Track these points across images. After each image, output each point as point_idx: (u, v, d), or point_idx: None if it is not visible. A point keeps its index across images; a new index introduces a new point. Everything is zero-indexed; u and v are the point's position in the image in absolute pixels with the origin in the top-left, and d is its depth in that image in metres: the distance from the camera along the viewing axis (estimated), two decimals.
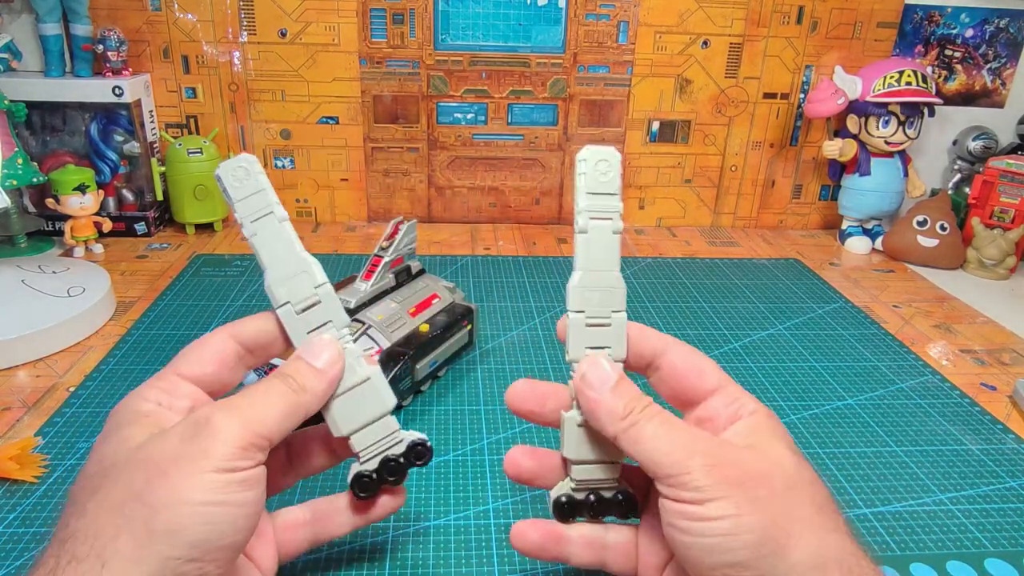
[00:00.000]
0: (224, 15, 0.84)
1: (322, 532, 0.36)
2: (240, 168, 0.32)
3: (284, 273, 0.33)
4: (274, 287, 0.32)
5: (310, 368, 0.32)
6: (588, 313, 0.33)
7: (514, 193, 0.95)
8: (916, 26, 0.92)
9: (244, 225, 0.32)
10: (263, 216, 0.33)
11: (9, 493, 0.43)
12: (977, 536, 0.43)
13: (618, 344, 0.33)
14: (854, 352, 0.65)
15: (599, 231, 0.33)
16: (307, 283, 0.33)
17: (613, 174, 0.33)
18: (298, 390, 0.31)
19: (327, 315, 0.33)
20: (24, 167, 0.71)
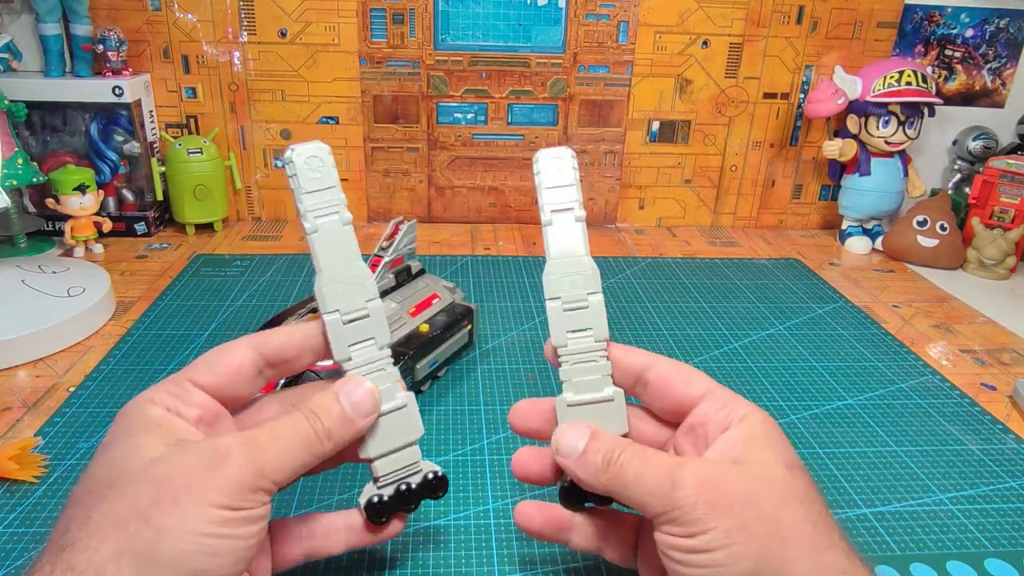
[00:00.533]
0: (224, 15, 0.84)
1: (319, 548, 0.35)
2: (315, 157, 0.31)
3: (339, 279, 0.32)
4: (326, 291, 0.31)
5: (341, 415, 0.31)
6: (564, 298, 0.34)
7: (514, 193, 0.95)
8: (916, 26, 0.92)
9: (306, 219, 0.31)
10: (329, 214, 0.31)
11: (9, 493, 0.43)
12: (977, 536, 0.43)
13: (598, 325, 0.34)
14: (854, 352, 0.65)
15: (563, 221, 0.34)
16: (360, 294, 0.32)
17: (567, 168, 0.35)
18: (323, 437, 0.31)
19: (372, 331, 0.32)
20: (24, 167, 0.71)
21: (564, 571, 0.40)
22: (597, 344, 0.34)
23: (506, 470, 0.47)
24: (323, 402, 0.31)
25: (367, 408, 0.32)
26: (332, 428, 0.31)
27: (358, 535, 0.36)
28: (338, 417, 0.31)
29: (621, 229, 0.97)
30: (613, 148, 0.94)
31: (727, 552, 0.27)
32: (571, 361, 0.34)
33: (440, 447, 0.49)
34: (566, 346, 0.34)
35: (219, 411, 0.32)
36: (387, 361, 0.33)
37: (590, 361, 0.34)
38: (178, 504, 0.26)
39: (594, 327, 0.34)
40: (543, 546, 0.41)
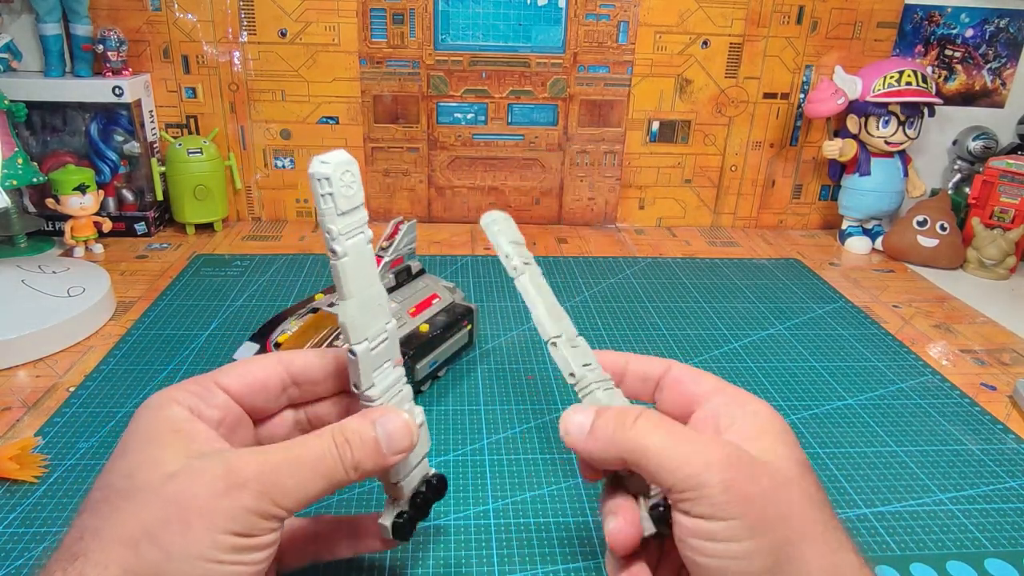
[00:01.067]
0: (224, 15, 0.84)
1: (325, 553, 0.36)
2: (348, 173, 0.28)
3: (366, 304, 0.29)
4: (357, 322, 0.29)
5: (376, 449, 0.30)
6: (565, 336, 0.35)
7: (514, 193, 0.95)
8: (916, 26, 0.92)
9: (336, 241, 0.28)
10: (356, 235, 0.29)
11: (9, 493, 0.43)
12: (977, 536, 0.43)
13: (593, 359, 0.35)
14: (854, 352, 0.65)
15: (532, 272, 0.36)
16: (381, 318, 0.30)
17: (515, 229, 0.37)
18: (349, 468, 0.29)
19: (388, 353, 0.31)
20: (24, 167, 0.71)
21: (564, 571, 0.40)
22: (604, 374, 0.35)
23: (506, 470, 0.47)
24: (358, 430, 0.30)
25: (402, 445, 0.31)
26: (361, 460, 0.30)
27: (365, 543, 0.36)
28: (371, 449, 0.30)
29: (621, 229, 0.97)
30: (613, 148, 0.94)
31: (747, 545, 0.27)
32: (602, 388, 0.34)
33: (440, 447, 0.49)
34: (586, 376, 0.34)
35: (241, 416, 0.32)
36: (403, 380, 0.32)
37: (611, 388, 0.35)
38: (188, 528, 0.26)
39: (593, 363, 0.35)
40: (543, 546, 0.41)
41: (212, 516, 0.26)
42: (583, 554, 0.41)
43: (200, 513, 0.26)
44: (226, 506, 0.27)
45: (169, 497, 0.26)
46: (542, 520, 0.43)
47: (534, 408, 0.54)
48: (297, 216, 0.94)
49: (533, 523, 0.43)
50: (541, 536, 0.42)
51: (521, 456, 0.49)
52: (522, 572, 0.39)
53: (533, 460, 0.48)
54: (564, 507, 0.44)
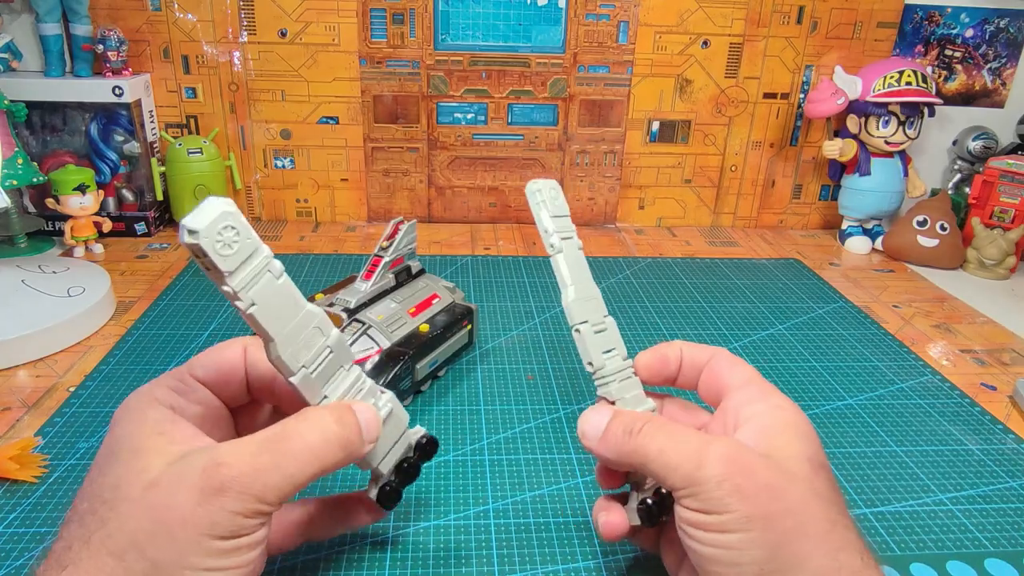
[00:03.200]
0: (224, 15, 0.84)
1: (314, 534, 0.36)
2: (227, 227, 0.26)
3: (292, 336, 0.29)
4: (283, 356, 0.29)
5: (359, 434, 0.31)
6: (591, 321, 0.35)
7: (514, 193, 0.95)
8: (916, 26, 0.92)
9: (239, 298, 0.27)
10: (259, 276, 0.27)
11: (9, 493, 0.43)
12: (977, 536, 0.43)
13: (619, 344, 0.35)
14: (854, 352, 0.65)
15: (570, 248, 0.36)
16: (317, 337, 0.30)
17: (562, 199, 0.36)
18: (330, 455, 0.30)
19: (339, 361, 0.31)
20: (24, 167, 0.71)
21: (564, 571, 0.40)
22: (625, 362, 0.35)
23: (506, 470, 0.47)
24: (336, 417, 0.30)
25: (372, 435, 0.32)
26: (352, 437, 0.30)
27: (356, 518, 0.36)
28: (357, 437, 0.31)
29: (621, 229, 0.97)
30: (613, 148, 0.94)
31: (743, 537, 0.28)
32: (617, 380, 0.35)
33: (440, 447, 0.49)
34: (604, 367, 0.35)
35: (220, 408, 0.32)
36: (361, 379, 0.33)
37: (627, 378, 0.35)
38: (173, 538, 0.26)
39: (616, 347, 0.35)
40: (543, 546, 0.41)
41: (195, 524, 0.26)
42: (583, 554, 0.41)
43: (182, 522, 0.26)
44: (208, 512, 0.26)
45: (151, 506, 0.26)
46: (542, 520, 0.43)
47: (534, 408, 0.54)
48: (297, 216, 0.94)
49: (533, 523, 0.43)
50: (541, 536, 0.42)
51: (521, 456, 0.49)
52: (522, 572, 0.39)
53: (533, 460, 0.48)
54: (564, 507, 0.44)
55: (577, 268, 0.36)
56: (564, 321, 0.67)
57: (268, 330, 0.28)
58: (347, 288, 0.55)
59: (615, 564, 0.40)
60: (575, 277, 0.35)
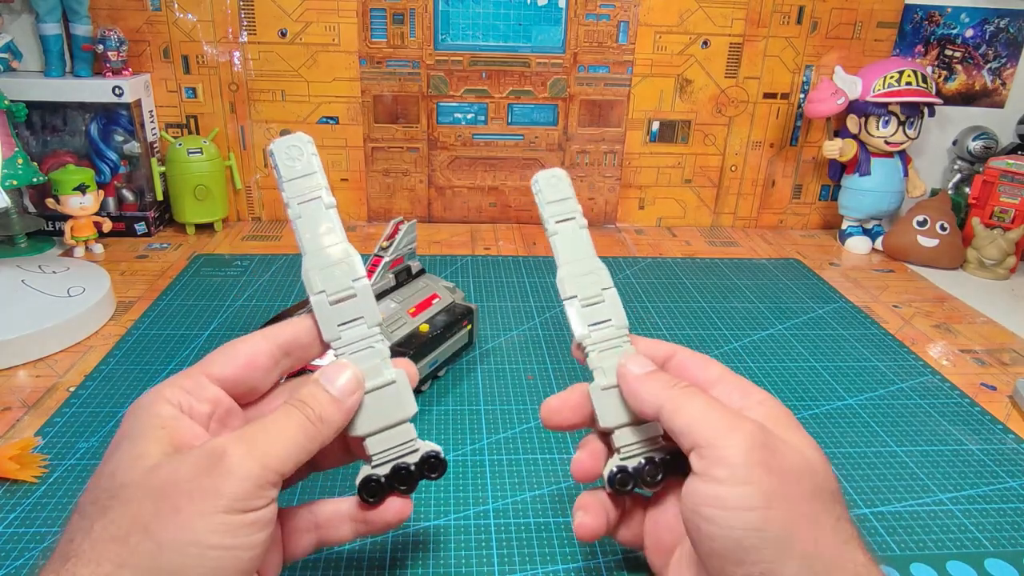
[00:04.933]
0: (224, 15, 0.84)
1: (326, 538, 0.35)
2: (294, 147, 0.32)
3: (324, 261, 0.32)
4: (311, 273, 0.32)
5: (328, 397, 0.31)
6: (581, 296, 0.36)
7: (514, 193, 0.95)
8: (916, 26, 0.92)
9: (290, 206, 0.32)
10: (311, 199, 0.32)
11: (9, 493, 0.43)
12: (977, 536, 0.43)
13: (617, 315, 0.36)
14: (854, 352, 0.65)
15: (567, 229, 0.37)
16: (346, 274, 0.32)
17: (564, 184, 0.38)
18: (316, 421, 0.30)
19: (360, 311, 0.33)
20: (24, 167, 0.71)
21: (564, 571, 0.40)
22: (619, 331, 0.36)
23: (506, 470, 0.47)
24: (308, 390, 0.31)
25: (350, 387, 0.32)
26: (323, 412, 0.31)
27: (366, 524, 0.35)
28: (325, 399, 0.31)
29: (621, 229, 0.97)
30: (613, 148, 0.94)
31: (762, 515, 0.27)
32: (597, 349, 0.35)
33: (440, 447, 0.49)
34: (590, 336, 0.35)
35: (231, 407, 0.32)
36: (377, 339, 0.33)
37: (615, 347, 0.35)
38: (178, 514, 0.25)
39: (613, 317, 0.36)
40: (543, 546, 0.41)
41: (202, 497, 0.26)
42: (583, 554, 0.41)
43: (189, 497, 0.26)
44: (213, 483, 0.26)
45: (155, 487, 0.26)
46: (542, 520, 0.43)
47: (534, 408, 0.54)
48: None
49: (533, 523, 0.43)
50: (541, 536, 0.42)
51: (521, 456, 0.49)
52: (522, 572, 0.39)
53: (533, 460, 0.48)
54: (564, 507, 0.44)
55: (573, 246, 0.37)
56: (564, 321, 0.67)
57: (304, 243, 0.32)
58: None
59: (615, 564, 0.40)
60: (570, 256, 0.37)
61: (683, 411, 0.30)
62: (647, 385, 0.32)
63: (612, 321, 0.36)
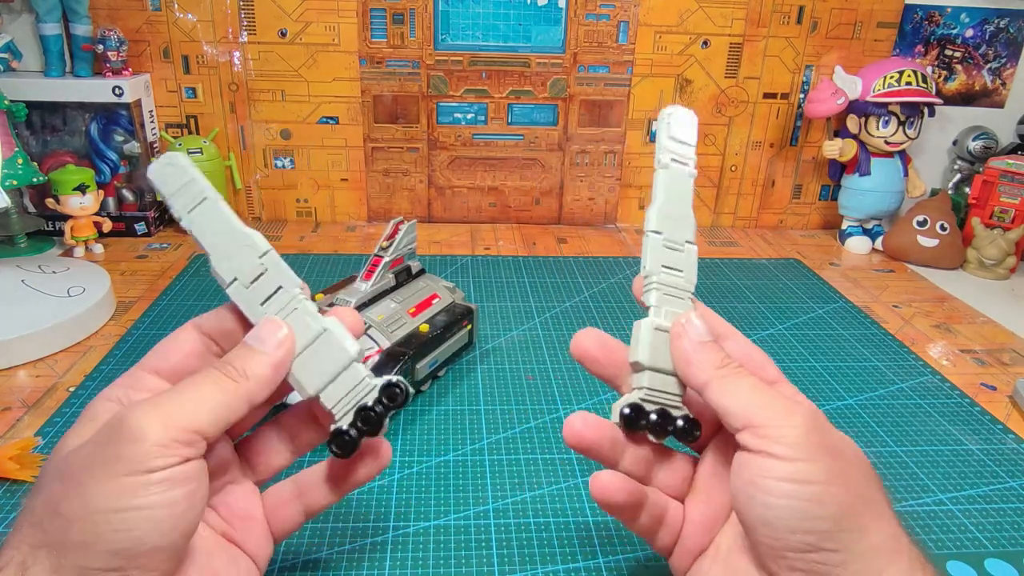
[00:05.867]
0: (224, 15, 0.84)
1: (311, 505, 0.35)
2: (167, 164, 0.32)
3: (227, 252, 0.32)
4: (218, 268, 0.32)
5: (252, 352, 0.30)
6: (665, 235, 0.35)
7: (514, 193, 0.95)
8: (916, 26, 0.92)
9: (182, 219, 0.32)
10: (197, 204, 0.32)
11: (9, 493, 0.43)
12: (977, 536, 0.43)
13: (690, 271, 0.35)
14: (854, 352, 0.65)
15: (677, 172, 0.35)
16: (251, 255, 0.33)
17: (692, 129, 0.36)
18: (238, 377, 0.29)
19: (277, 281, 0.33)
20: (24, 167, 0.71)
21: (564, 571, 0.40)
22: (687, 285, 0.35)
23: (506, 470, 0.47)
24: (234, 351, 0.31)
25: (277, 338, 0.31)
26: (245, 366, 0.30)
27: (347, 481, 0.35)
28: (248, 354, 0.30)
29: (621, 229, 0.97)
30: (613, 148, 0.94)
31: (823, 489, 0.27)
32: (662, 291, 0.34)
33: (440, 447, 0.49)
34: (659, 274, 0.34)
35: None
36: (299, 299, 0.33)
37: (679, 297, 0.34)
38: (82, 488, 0.25)
39: (685, 271, 0.35)
40: (543, 546, 0.41)
41: (101, 466, 0.26)
42: (583, 554, 0.41)
43: (88, 469, 0.26)
44: (116, 450, 0.26)
45: (63, 469, 0.27)
46: (542, 520, 0.43)
47: (534, 408, 0.54)
48: (297, 216, 0.94)
49: (533, 523, 0.43)
50: (541, 536, 0.42)
51: (521, 456, 0.49)
52: (522, 572, 0.39)
53: (533, 460, 0.48)
54: (564, 507, 0.44)
55: (676, 189, 0.35)
56: (564, 321, 0.67)
57: (204, 245, 0.32)
58: (347, 288, 0.55)
59: (615, 564, 0.40)
60: (668, 196, 0.35)
61: (736, 392, 0.30)
62: (702, 355, 0.31)
63: (684, 273, 0.35)
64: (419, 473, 0.47)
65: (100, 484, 0.25)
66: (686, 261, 0.35)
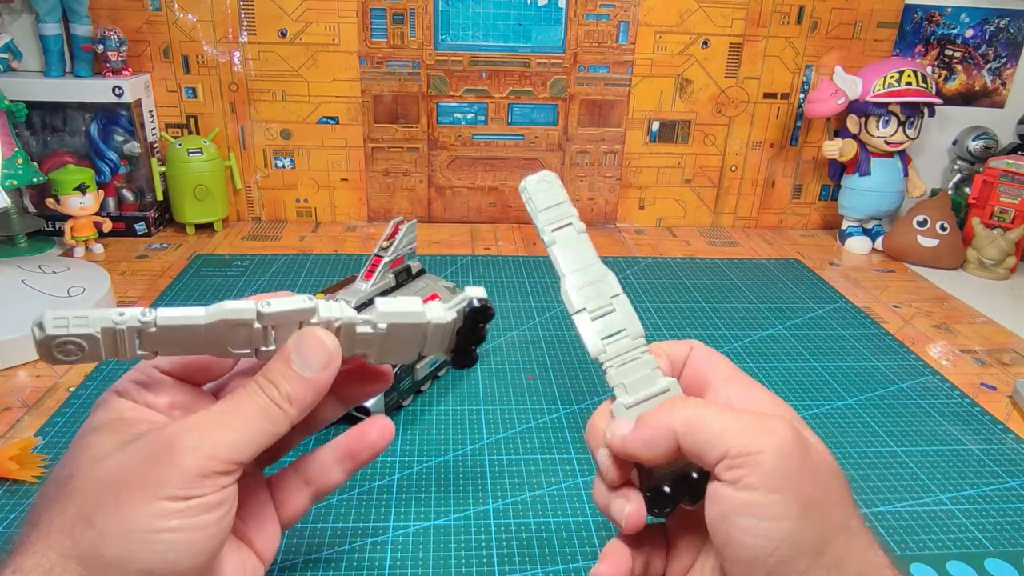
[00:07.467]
0: (224, 15, 0.84)
1: (320, 488, 0.34)
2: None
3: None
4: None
5: (296, 377, 0.29)
6: (589, 308, 0.34)
7: (514, 193, 0.95)
8: (916, 26, 0.92)
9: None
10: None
11: (9, 493, 0.43)
12: (977, 536, 0.43)
13: (631, 324, 0.34)
14: (854, 352, 0.65)
15: (566, 237, 0.36)
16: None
17: (556, 188, 0.36)
18: (282, 403, 0.28)
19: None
20: (24, 167, 0.71)
21: (564, 571, 0.40)
22: (635, 342, 0.34)
23: (506, 470, 0.47)
24: (276, 368, 0.29)
25: (319, 360, 0.29)
26: (291, 391, 0.28)
27: (353, 459, 0.34)
28: (295, 377, 0.29)
29: (621, 229, 0.97)
30: (613, 148, 0.94)
31: (797, 525, 0.26)
32: (615, 364, 0.33)
33: (440, 447, 0.49)
34: (605, 352, 0.34)
35: (193, 394, 0.31)
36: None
37: (634, 359, 0.33)
38: (120, 503, 0.25)
39: (627, 327, 0.34)
40: (543, 546, 0.41)
41: (144, 486, 0.25)
42: (583, 554, 0.41)
43: (130, 486, 0.25)
44: (156, 472, 0.26)
45: (99, 478, 0.26)
46: (542, 520, 0.43)
47: (534, 408, 0.54)
48: (297, 216, 0.94)
49: (533, 523, 0.43)
50: (541, 536, 0.42)
51: (521, 456, 0.49)
52: (522, 572, 0.39)
53: (533, 460, 0.48)
54: (564, 507, 0.44)
55: (575, 254, 0.35)
56: (564, 321, 0.67)
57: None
58: (347, 288, 0.55)
59: None
60: (572, 265, 0.35)
61: (706, 421, 0.28)
62: (644, 432, 0.30)
63: (627, 331, 0.34)
64: (419, 473, 0.47)
65: (139, 504, 0.25)
66: (623, 317, 0.34)
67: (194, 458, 0.26)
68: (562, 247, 0.35)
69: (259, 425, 0.28)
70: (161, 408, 0.30)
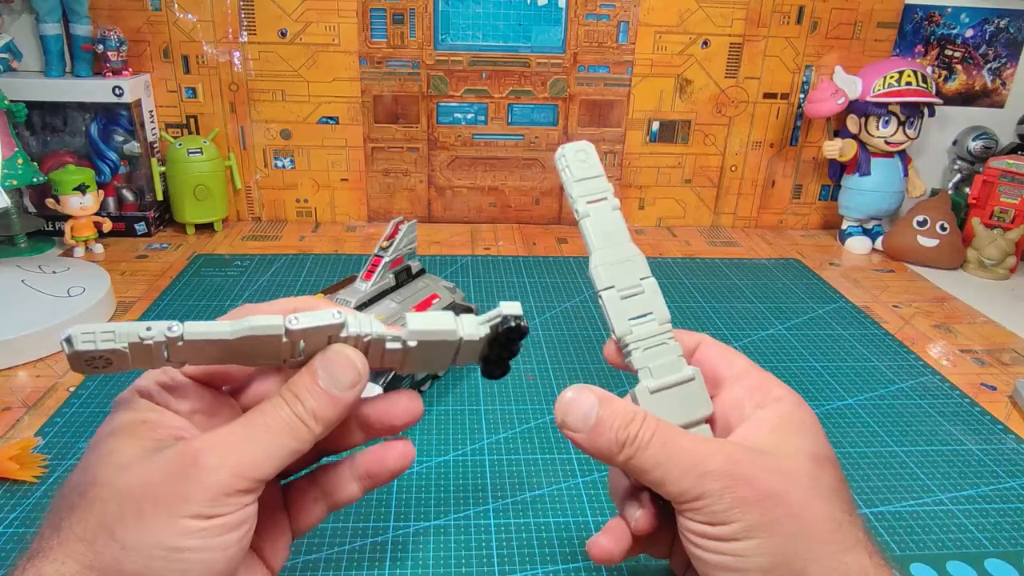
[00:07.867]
0: (224, 15, 0.84)
1: (336, 502, 0.34)
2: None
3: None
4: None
5: (324, 395, 0.28)
6: (619, 286, 0.33)
7: (514, 193, 0.95)
8: (916, 26, 0.92)
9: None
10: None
11: (9, 493, 0.43)
12: (977, 536, 0.43)
13: (658, 308, 0.33)
14: (854, 352, 0.65)
15: (599, 211, 0.34)
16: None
17: (592, 160, 0.35)
18: (307, 418, 0.28)
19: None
20: (24, 167, 0.71)
21: (564, 571, 0.40)
22: (662, 327, 0.33)
23: (506, 470, 0.47)
24: (303, 382, 0.29)
25: (348, 379, 0.29)
26: (316, 408, 0.28)
27: (372, 478, 0.34)
28: (321, 395, 0.28)
29: None
30: (613, 148, 0.94)
31: (747, 545, 0.27)
32: (641, 348, 0.33)
33: (440, 447, 0.49)
34: (631, 333, 0.33)
35: (216, 398, 0.31)
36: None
37: (660, 344, 0.33)
38: (143, 519, 0.25)
39: (654, 310, 0.33)
40: (543, 546, 0.41)
41: (169, 502, 0.25)
42: (583, 554, 0.41)
43: (154, 502, 0.25)
44: (180, 489, 0.25)
45: (122, 489, 0.26)
46: (542, 520, 0.43)
47: (534, 408, 0.54)
48: (297, 216, 0.94)
49: (533, 523, 0.43)
50: (541, 536, 0.42)
51: (521, 456, 0.49)
52: (522, 572, 0.39)
53: (533, 460, 0.48)
54: (564, 507, 0.44)
55: (608, 230, 0.34)
56: (564, 321, 0.67)
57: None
58: (347, 288, 0.55)
59: (615, 564, 0.40)
60: (604, 241, 0.34)
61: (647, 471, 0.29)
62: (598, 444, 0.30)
63: (653, 315, 0.33)
64: (419, 473, 0.47)
65: (162, 521, 0.25)
66: (651, 300, 0.33)
67: (219, 475, 0.26)
68: (594, 221, 0.34)
69: (283, 441, 0.28)
70: (183, 413, 0.30)
